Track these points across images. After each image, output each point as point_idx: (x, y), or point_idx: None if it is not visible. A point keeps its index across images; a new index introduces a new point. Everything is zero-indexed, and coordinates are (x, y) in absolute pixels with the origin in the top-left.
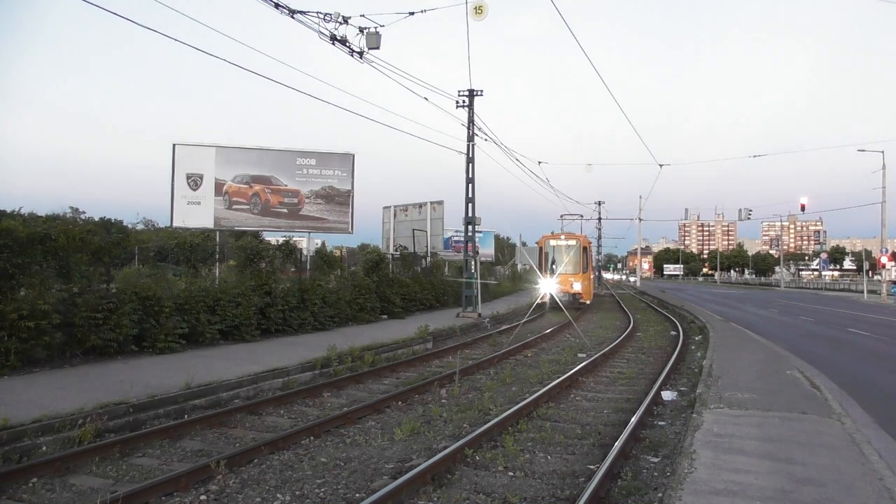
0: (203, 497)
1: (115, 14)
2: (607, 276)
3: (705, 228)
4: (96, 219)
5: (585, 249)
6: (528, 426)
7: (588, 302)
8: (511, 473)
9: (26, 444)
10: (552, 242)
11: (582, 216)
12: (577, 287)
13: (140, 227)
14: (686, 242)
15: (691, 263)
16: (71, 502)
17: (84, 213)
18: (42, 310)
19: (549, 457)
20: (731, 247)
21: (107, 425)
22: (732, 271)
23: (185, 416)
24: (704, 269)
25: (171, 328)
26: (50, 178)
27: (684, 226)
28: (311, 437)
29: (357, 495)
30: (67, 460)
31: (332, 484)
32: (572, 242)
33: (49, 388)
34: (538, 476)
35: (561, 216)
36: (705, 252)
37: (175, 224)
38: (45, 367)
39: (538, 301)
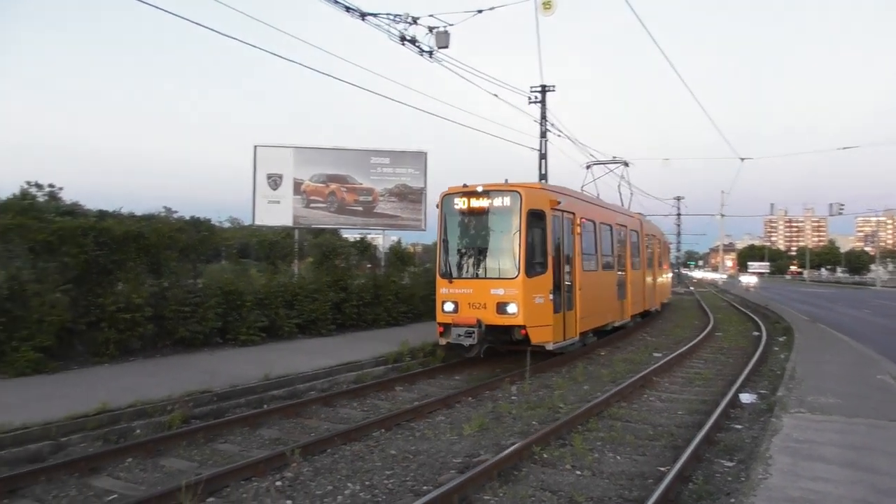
0: (278, 483)
1: (198, 24)
2: (694, 274)
3: (793, 224)
4: (187, 217)
5: (540, 217)
6: (598, 425)
7: (551, 345)
8: (578, 472)
9: (122, 427)
10: (457, 204)
11: (626, 163)
12: (512, 309)
13: (227, 224)
14: (772, 239)
15: (778, 261)
16: (161, 482)
17: (176, 211)
18: (136, 303)
19: (618, 457)
20: (821, 243)
21: (193, 412)
22: (823, 269)
23: (264, 406)
24: (792, 267)
25: (252, 321)
26: (141, 177)
27: (770, 221)
28: (382, 430)
29: (424, 488)
30: (158, 443)
31: (401, 476)
32: (502, 202)
33: (142, 375)
34: (606, 476)
35: (587, 165)
36: (793, 249)
37: (256, 222)
38: (139, 356)
39: (440, 338)
